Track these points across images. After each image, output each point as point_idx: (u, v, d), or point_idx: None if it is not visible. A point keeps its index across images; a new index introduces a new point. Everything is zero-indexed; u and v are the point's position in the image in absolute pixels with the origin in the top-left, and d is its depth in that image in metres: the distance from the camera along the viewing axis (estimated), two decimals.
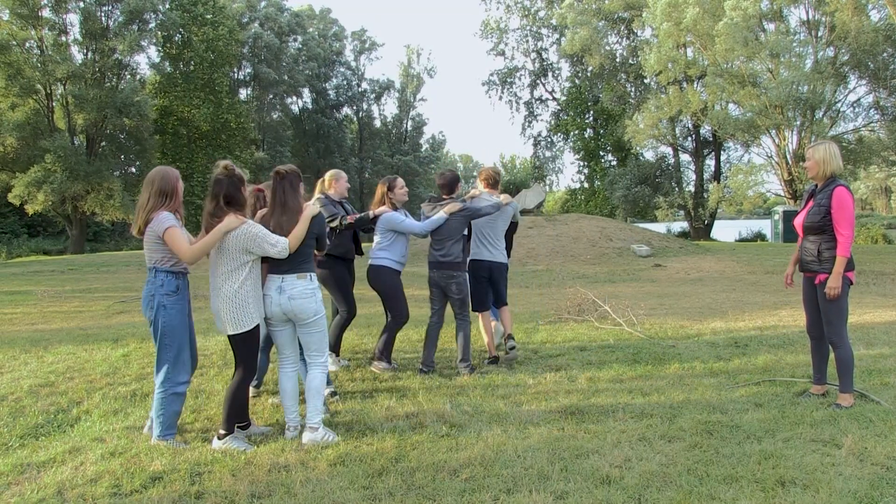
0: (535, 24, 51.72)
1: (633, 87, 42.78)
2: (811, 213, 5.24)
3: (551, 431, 4.73)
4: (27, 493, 3.91)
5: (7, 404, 5.85)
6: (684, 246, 25.20)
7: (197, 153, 44.86)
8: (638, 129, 36.77)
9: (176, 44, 44.49)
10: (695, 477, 3.88)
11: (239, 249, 4.59)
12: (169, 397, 4.65)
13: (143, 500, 3.76)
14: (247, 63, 55.82)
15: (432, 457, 4.27)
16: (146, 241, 4.64)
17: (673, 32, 30.53)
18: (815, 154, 5.25)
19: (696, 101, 32.69)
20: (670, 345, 7.78)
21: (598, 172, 50.30)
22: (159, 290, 4.62)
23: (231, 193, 4.65)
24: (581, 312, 9.92)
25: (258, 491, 3.84)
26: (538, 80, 55.04)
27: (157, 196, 4.64)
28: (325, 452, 4.39)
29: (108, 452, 4.51)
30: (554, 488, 3.76)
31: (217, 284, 4.66)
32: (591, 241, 23.56)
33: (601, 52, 38.72)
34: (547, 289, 15.18)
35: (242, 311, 4.60)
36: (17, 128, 34.74)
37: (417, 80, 66.31)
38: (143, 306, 4.73)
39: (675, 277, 17.24)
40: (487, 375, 6.43)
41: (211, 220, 4.61)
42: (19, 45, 35.75)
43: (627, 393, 5.68)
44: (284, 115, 61.18)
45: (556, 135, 55.62)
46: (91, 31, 37.87)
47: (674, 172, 42.47)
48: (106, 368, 7.15)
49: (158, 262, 4.64)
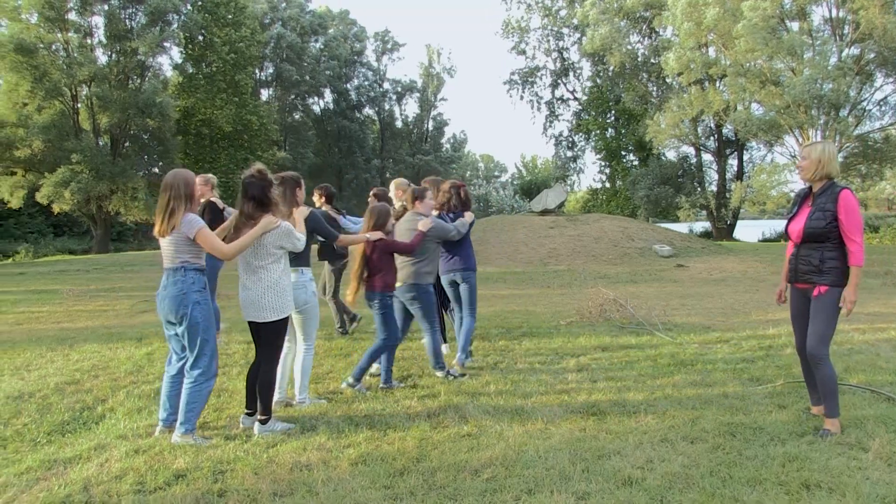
0: (557, 24, 51.53)
1: (655, 86, 42.47)
2: (813, 219, 4.68)
3: (573, 432, 4.71)
4: (54, 488, 3.96)
5: (34, 401, 5.94)
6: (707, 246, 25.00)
7: (219, 154, 45.21)
8: (659, 129, 36.52)
9: (198, 45, 44.81)
10: (717, 479, 3.85)
11: (274, 245, 4.97)
12: (204, 388, 4.79)
13: (167, 498, 3.79)
14: (269, 63, 56.14)
15: (453, 457, 4.27)
16: (172, 242, 4.72)
17: (694, 32, 30.29)
18: (813, 153, 4.75)
19: (718, 100, 32.40)
20: (693, 345, 7.72)
21: (620, 172, 50.04)
22: (191, 288, 4.73)
23: (264, 196, 4.95)
24: (603, 312, 9.87)
25: (280, 489, 3.86)
26: (559, 80, 54.85)
27: (178, 199, 4.70)
28: (346, 452, 4.41)
29: (133, 450, 4.56)
30: (576, 489, 3.74)
31: (254, 277, 4.97)
32: (613, 241, 23.44)
33: (622, 51, 38.46)
34: (568, 289, 15.13)
35: (283, 298, 5.00)
36: (44, 130, 35.17)
37: (438, 80, 66.37)
38: (169, 306, 4.72)
39: (697, 278, 17.11)
40: (509, 375, 6.42)
41: (247, 220, 4.92)
42: (46, 48, 36.22)
43: (649, 393, 5.65)
44: (306, 116, 61.45)
45: (578, 134, 55.41)
46: (115, 32, 38.30)
47: (696, 172, 42.14)
48: (130, 367, 7.22)
49: (188, 262, 4.75)
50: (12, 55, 33.86)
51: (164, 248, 4.78)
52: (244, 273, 5.04)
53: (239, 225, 4.96)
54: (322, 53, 59.44)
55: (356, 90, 63.63)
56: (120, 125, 38.85)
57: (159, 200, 4.77)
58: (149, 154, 43.88)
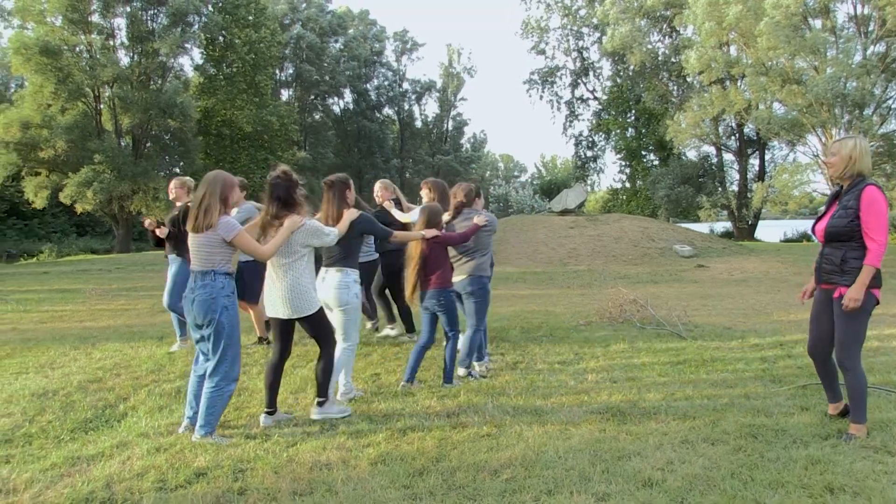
0: (576, 23, 51.39)
1: (676, 85, 42.25)
2: (836, 217, 4.48)
3: (593, 433, 4.70)
4: (78, 484, 4.01)
5: (58, 399, 6.01)
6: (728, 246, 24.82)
7: (240, 154, 45.49)
8: (680, 129, 36.30)
9: (219, 46, 45.11)
10: (739, 481, 3.82)
11: (300, 243, 5.11)
12: (225, 392, 4.82)
13: (188, 495, 3.82)
14: (289, 63, 56.40)
15: (473, 457, 4.27)
16: (206, 243, 4.75)
17: (715, 31, 30.04)
18: (843, 149, 4.46)
19: (740, 100, 32.14)
20: (713, 346, 7.67)
21: (640, 172, 49.84)
22: (220, 293, 4.76)
23: (289, 196, 5.10)
24: (623, 313, 9.83)
25: (300, 488, 3.88)
26: (579, 80, 54.74)
27: (214, 198, 4.76)
28: (366, 451, 4.42)
29: (154, 448, 4.60)
30: (595, 490, 3.73)
31: (279, 273, 5.11)
32: (633, 241, 23.33)
33: (643, 50, 38.27)
34: (588, 289, 15.07)
35: (306, 295, 5.09)
36: (67, 130, 35.56)
37: (458, 80, 66.39)
38: (198, 309, 4.75)
39: (718, 278, 16.99)
40: (528, 376, 6.41)
41: (273, 221, 5.07)
42: (70, 49, 36.64)
43: (670, 395, 5.62)
44: (326, 116, 61.68)
45: (598, 134, 55.31)
46: (136, 34, 38.67)
47: (717, 172, 41.86)
48: (151, 365, 7.29)
49: (217, 265, 4.79)
50: (38, 57, 34.31)
51: (195, 248, 4.81)
52: (271, 270, 5.17)
53: (265, 225, 5.10)
54: (342, 54, 59.64)
55: (376, 90, 63.81)
56: (141, 126, 39.22)
57: (195, 196, 4.86)
58: (170, 154, 44.24)
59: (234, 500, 3.76)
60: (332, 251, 5.67)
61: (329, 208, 5.68)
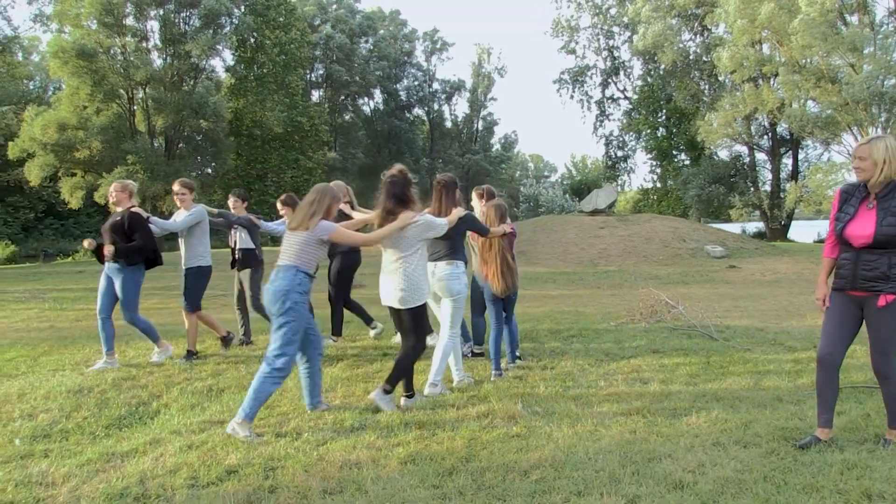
0: (607, 22, 51.11)
1: (707, 84, 41.84)
2: (885, 224, 4.16)
3: (623, 434, 4.67)
4: (112, 480, 4.08)
5: (93, 396, 6.11)
6: (760, 247, 24.55)
7: (270, 154, 45.82)
8: (711, 129, 35.91)
9: (250, 47, 45.52)
10: (772, 485, 3.77)
11: (416, 238, 5.43)
12: (275, 378, 5.01)
13: (219, 493, 3.86)
14: (319, 64, 56.72)
15: (502, 457, 4.27)
16: (300, 242, 5.14)
17: (747, 29, 29.68)
18: (875, 152, 4.18)
19: (772, 98, 31.71)
20: (746, 348, 7.59)
21: (671, 172, 49.45)
22: (296, 289, 5.06)
23: (405, 193, 5.44)
24: (654, 314, 9.76)
25: (330, 487, 3.90)
26: (610, 79, 54.44)
27: (321, 206, 5.18)
28: (395, 451, 4.44)
29: (186, 445, 4.66)
30: (625, 492, 3.71)
31: (393, 268, 5.45)
32: (664, 241, 23.16)
33: (674, 49, 37.93)
34: (619, 290, 14.99)
35: (419, 288, 5.43)
36: (102, 131, 36.17)
37: (488, 80, 66.26)
38: (271, 298, 5.05)
39: (750, 279, 16.81)
40: (558, 376, 6.39)
41: (387, 216, 5.40)
42: (105, 52, 37.23)
43: (701, 396, 5.57)
44: (356, 117, 61.93)
45: (628, 134, 54.94)
46: (169, 36, 39.21)
47: (749, 172, 41.37)
48: (183, 364, 7.38)
49: (303, 264, 5.13)
50: (74, 60, 34.95)
51: (289, 244, 5.19)
52: (386, 263, 5.51)
53: (381, 220, 5.45)
54: (372, 54, 59.85)
55: (406, 90, 63.92)
56: (174, 126, 39.75)
57: (305, 199, 5.29)
58: (202, 155, 44.78)
59: (264, 498, 3.80)
60: (439, 247, 6.02)
61: (439, 205, 5.97)
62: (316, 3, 57.25)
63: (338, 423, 5.08)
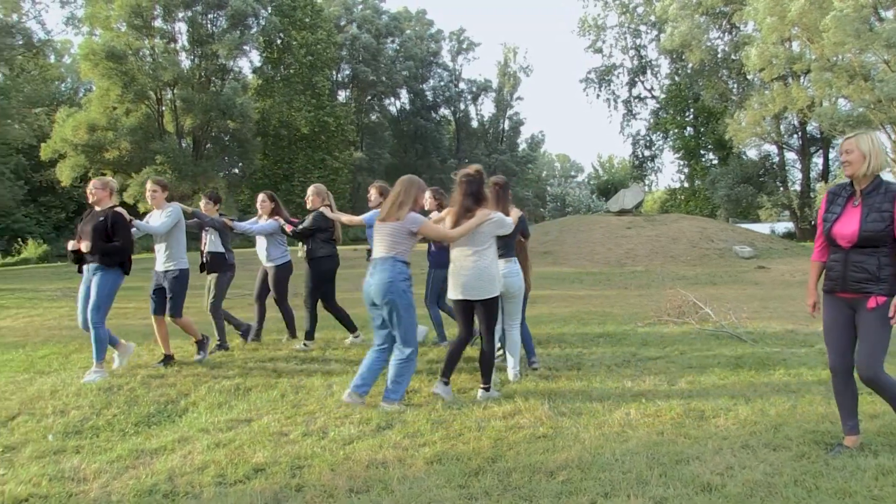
0: (634, 21, 50.83)
1: (735, 83, 41.39)
2: (870, 221, 4.10)
3: (650, 435, 4.63)
4: (142, 476, 4.14)
5: (123, 393, 6.20)
6: (790, 247, 24.29)
7: (297, 154, 46.15)
8: (740, 128, 35.50)
9: (276, 48, 45.83)
10: (802, 489, 3.70)
11: (490, 234, 5.68)
12: (409, 362, 5.48)
13: (247, 490, 3.89)
14: (345, 65, 56.97)
15: (529, 458, 4.25)
16: (391, 234, 5.44)
17: (777, 27, 29.27)
18: (861, 144, 4.14)
19: (802, 97, 31.25)
20: (775, 350, 7.50)
21: (699, 172, 49.06)
22: (398, 277, 5.39)
23: (481, 191, 5.71)
24: (681, 314, 9.69)
25: (356, 486, 3.91)
26: (637, 78, 54.15)
27: (408, 197, 5.50)
28: (421, 450, 4.44)
29: (214, 443, 4.70)
30: (653, 493, 3.68)
31: (467, 263, 5.63)
32: (692, 241, 22.99)
33: (702, 47, 37.55)
34: (646, 290, 14.90)
35: (494, 280, 5.66)
36: (131, 132, 36.65)
37: (514, 79, 66.15)
38: (376, 291, 5.37)
39: (779, 280, 16.62)
40: (585, 377, 6.36)
41: (466, 213, 5.64)
42: (134, 53, 37.71)
43: (729, 398, 5.51)
44: (383, 117, 62.10)
45: (656, 133, 54.62)
46: (197, 37, 39.61)
47: (778, 171, 40.92)
48: (211, 362, 7.44)
49: (400, 254, 5.46)
50: (104, 62, 35.46)
51: (381, 236, 5.50)
52: (461, 258, 5.69)
53: (458, 216, 5.67)
54: (398, 54, 59.99)
55: (432, 90, 64.00)
56: (202, 127, 40.13)
57: (392, 192, 5.60)
58: (229, 155, 45.15)
59: (291, 497, 3.82)
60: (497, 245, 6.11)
61: (496, 206, 6.10)
62: (341, 4, 57.49)
63: (364, 423, 5.09)
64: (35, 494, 3.94)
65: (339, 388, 6.07)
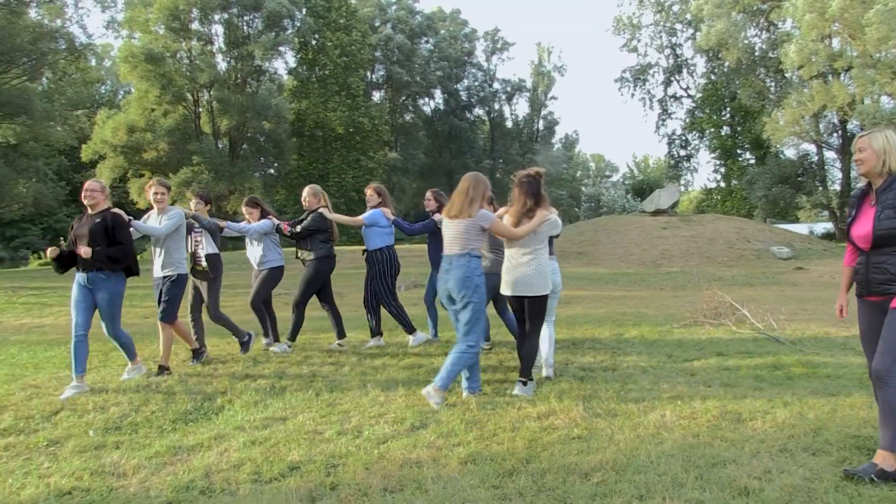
0: (669, 20, 50.33)
1: (773, 81, 40.77)
2: (883, 219, 3.97)
3: (685, 437, 4.58)
4: (179, 472, 4.21)
5: (161, 390, 6.32)
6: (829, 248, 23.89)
7: (332, 155, 46.46)
8: (778, 126, 34.92)
9: (311, 49, 46.18)
10: (844, 495, 3.62)
11: (547, 234, 5.95)
12: (470, 355, 5.64)
13: (282, 488, 3.93)
14: (380, 65, 57.22)
15: (563, 459, 4.23)
16: (464, 231, 5.62)
17: (816, 23, 28.75)
18: (874, 142, 4.04)
19: (843, 94, 30.62)
20: (814, 352, 7.38)
21: (736, 171, 48.45)
22: (475, 272, 5.64)
23: (540, 192, 5.89)
24: (718, 316, 9.57)
25: (390, 485, 3.92)
26: (672, 77, 53.65)
27: (477, 193, 5.65)
28: (455, 450, 4.44)
29: (250, 441, 4.76)
30: (689, 497, 3.63)
31: (525, 260, 5.83)
32: (728, 242, 22.73)
33: (738, 46, 37.00)
34: (682, 291, 14.76)
35: (548, 277, 5.90)
36: (169, 133, 37.24)
37: (549, 79, 65.93)
38: (454, 286, 5.61)
39: (818, 281, 16.36)
40: (620, 378, 6.32)
41: (527, 213, 5.83)
42: (171, 56, 38.29)
43: (767, 401, 5.42)
44: (417, 117, 62.27)
45: (691, 133, 54.06)
46: (233, 39, 40.09)
47: (817, 171, 40.23)
48: (247, 361, 7.54)
49: (474, 250, 5.67)
50: (143, 64, 36.07)
51: (452, 233, 5.69)
52: (517, 256, 5.88)
53: (519, 216, 5.84)
54: (432, 54, 60.10)
55: (466, 90, 64.04)
56: (238, 127, 40.60)
57: (460, 188, 5.74)
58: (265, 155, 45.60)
59: (326, 495, 3.84)
60: None
61: None
62: (376, 4, 57.75)
63: (398, 422, 5.12)
64: (77, 487, 4.04)
65: (373, 388, 6.11)
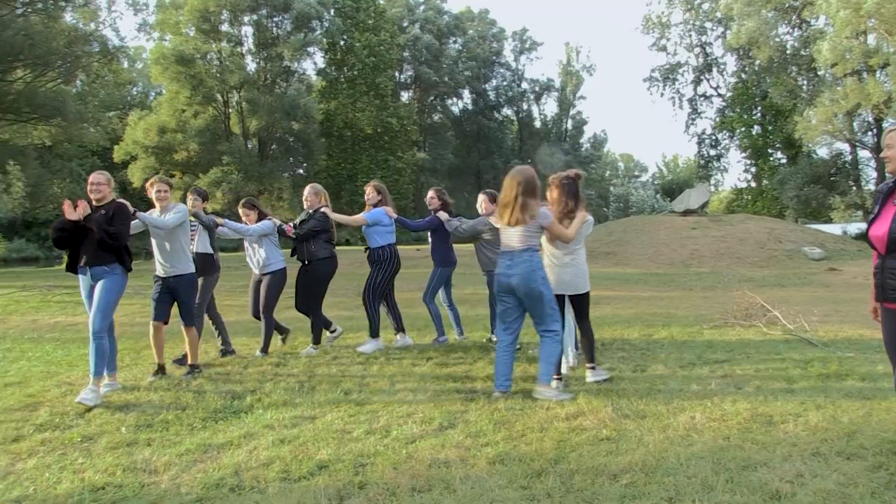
0: (699, 18, 49.87)
1: (805, 80, 40.22)
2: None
3: (716, 440, 4.54)
4: (209, 470, 4.26)
5: (191, 389, 6.40)
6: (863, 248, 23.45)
7: (360, 155, 46.68)
8: (810, 125, 34.41)
9: (340, 49, 46.43)
10: (880, 501, 3.54)
11: (584, 234, 6.20)
12: (555, 340, 5.78)
13: (311, 487, 3.95)
14: (408, 65, 57.36)
15: (592, 460, 4.21)
16: (525, 230, 5.67)
17: (851, 20, 28.29)
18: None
19: (878, 92, 30.06)
20: (848, 355, 7.26)
21: (767, 171, 47.87)
22: (538, 266, 5.73)
23: (579, 193, 6.09)
24: (748, 317, 9.46)
25: (418, 485, 3.93)
26: (702, 76, 53.15)
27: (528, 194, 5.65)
28: (484, 451, 4.44)
29: (278, 439, 4.79)
30: (719, 500, 3.59)
31: (567, 260, 6.08)
32: (759, 242, 22.47)
33: (770, 44, 36.52)
34: (712, 291, 14.61)
35: (587, 277, 6.20)
36: (199, 133, 37.68)
37: (577, 79, 65.72)
38: (519, 281, 5.65)
39: (851, 282, 16.11)
40: (649, 379, 6.27)
41: (569, 214, 6.00)
42: (202, 57, 38.75)
43: (799, 403, 5.34)
44: (445, 117, 62.36)
45: (722, 132, 53.51)
46: (262, 40, 40.48)
47: (851, 170, 39.61)
48: (275, 360, 7.62)
49: (532, 245, 5.75)
50: (174, 66, 36.56)
51: (511, 233, 5.74)
52: (559, 255, 6.10)
53: (560, 218, 5.96)
54: (460, 54, 60.11)
55: (494, 90, 64.03)
56: (267, 128, 40.96)
57: (508, 196, 5.74)
58: (294, 155, 45.96)
59: (354, 494, 3.85)
60: None
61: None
62: (404, 5, 57.93)
63: (426, 422, 5.12)
64: (110, 483, 4.11)
65: (401, 387, 6.12)
